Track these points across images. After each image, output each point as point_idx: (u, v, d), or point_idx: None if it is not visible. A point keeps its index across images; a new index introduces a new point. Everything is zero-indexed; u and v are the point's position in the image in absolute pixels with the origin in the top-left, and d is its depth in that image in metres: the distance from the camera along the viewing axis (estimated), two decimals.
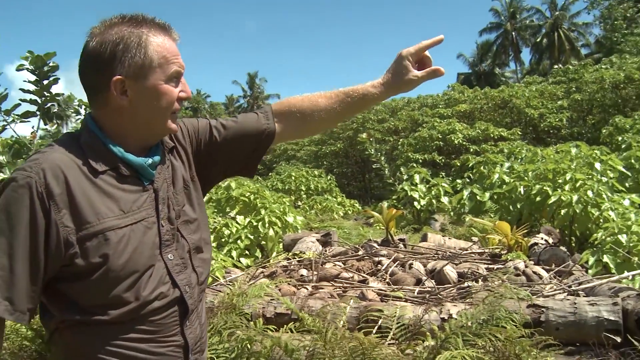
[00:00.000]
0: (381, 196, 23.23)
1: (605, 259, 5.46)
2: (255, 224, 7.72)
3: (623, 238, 5.49)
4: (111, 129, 1.40)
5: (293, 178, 18.97)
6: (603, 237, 5.64)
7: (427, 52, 1.66)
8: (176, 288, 1.43)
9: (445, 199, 11.95)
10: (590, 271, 5.32)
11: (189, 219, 1.50)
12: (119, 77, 1.34)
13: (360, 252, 5.79)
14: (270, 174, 26.23)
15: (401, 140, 22.65)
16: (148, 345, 1.39)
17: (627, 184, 8.11)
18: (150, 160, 1.43)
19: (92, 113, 1.42)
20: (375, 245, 6.11)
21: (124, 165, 1.39)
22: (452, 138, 20.15)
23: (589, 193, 6.81)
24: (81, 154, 1.35)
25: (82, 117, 9.09)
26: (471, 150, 19.68)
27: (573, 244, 7.46)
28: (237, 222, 7.83)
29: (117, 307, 1.33)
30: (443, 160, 20.15)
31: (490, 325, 3.00)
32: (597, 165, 7.89)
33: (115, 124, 1.40)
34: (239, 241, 7.32)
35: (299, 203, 16.84)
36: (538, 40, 45.85)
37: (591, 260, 5.52)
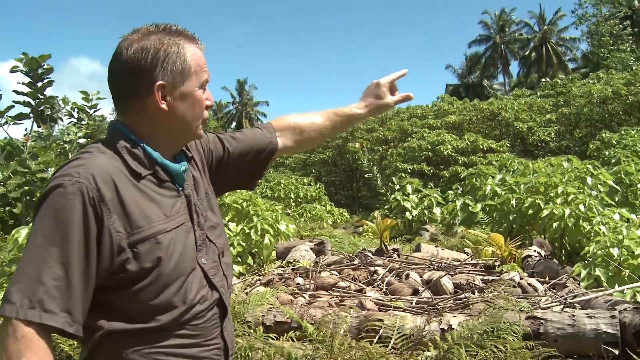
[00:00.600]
0: (369, 205, 23.30)
1: (597, 272, 5.51)
2: (247, 231, 7.70)
3: (615, 251, 5.55)
4: (146, 134, 1.42)
5: (282, 186, 18.93)
6: (595, 250, 5.70)
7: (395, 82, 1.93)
8: (214, 290, 1.46)
9: (437, 210, 12.02)
10: (582, 284, 5.37)
11: (213, 224, 1.55)
12: (162, 82, 1.38)
13: (355, 262, 5.81)
14: (259, 181, 26.14)
15: (390, 150, 22.77)
16: (194, 351, 1.40)
17: (616, 198, 8.22)
18: (184, 167, 1.49)
19: (121, 119, 1.44)
20: (369, 254, 6.13)
21: (162, 170, 1.42)
22: (441, 149, 20.30)
23: (581, 207, 6.89)
24: (122, 159, 1.36)
25: (74, 119, 9.04)
26: (460, 161, 19.83)
27: (563, 257, 7.53)
28: (229, 229, 7.82)
29: (166, 312, 1.34)
30: (431, 170, 20.27)
31: (492, 336, 3.04)
32: (589, 180, 7.99)
33: (151, 129, 1.42)
34: (231, 248, 7.30)
35: (288, 211, 16.82)
36: (526, 53, 46.42)
37: (583, 273, 5.56)
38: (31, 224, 1.39)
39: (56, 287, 1.21)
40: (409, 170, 19.74)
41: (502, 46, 48.72)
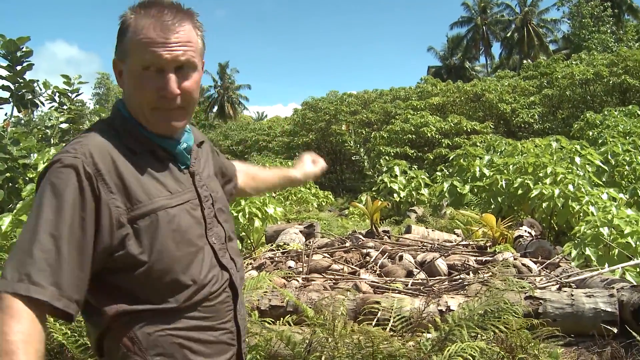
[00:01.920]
0: (354, 188, 23.30)
1: (587, 251, 5.54)
2: (235, 214, 7.62)
3: (605, 231, 5.59)
4: (132, 113, 1.38)
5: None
6: (585, 230, 5.73)
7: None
8: (224, 271, 1.42)
9: (425, 191, 12.03)
10: (573, 263, 5.40)
11: (222, 207, 1.51)
12: (115, 58, 1.37)
13: (347, 244, 5.77)
14: None
15: (374, 133, 22.74)
16: (207, 334, 1.36)
17: (603, 178, 8.28)
18: (184, 145, 1.43)
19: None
20: (360, 237, 6.09)
21: (160, 148, 1.38)
22: (425, 131, 20.31)
23: (570, 187, 6.91)
24: (119, 137, 1.33)
25: (56, 104, 8.85)
26: (444, 143, 19.87)
27: (551, 237, 7.58)
28: None
29: (176, 292, 1.30)
30: (415, 153, 20.28)
31: (493, 317, 3.01)
32: (577, 160, 8.03)
33: (130, 107, 1.38)
34: None
35: (274, 194, 16.72)
36: (508, 35, 46.49)
37: (574, 252, 5.60)
38: (14, 211, 1.35)
39: (45, 259, 1.16)
40: (393, 154, 19.73)
41: (483, 28, 48.71)
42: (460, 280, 4.29)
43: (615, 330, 3.29)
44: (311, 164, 2.12)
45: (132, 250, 1.26)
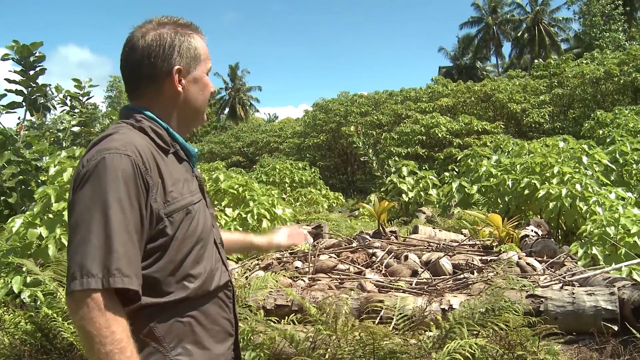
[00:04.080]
0: (364, 189, 23.33)
1: (594, 250, 5.55)
2: (244, 216, 7.69)
3: (611, 230, 5.59)
4: (164, 116, 1.51)
5: (277, 170, 18.90)
6: (592, 229, 5.73)
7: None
8: (225, 266, 1.58)
9: (433, 192, 12.05)
10: (579, 262, 5.41)
11: (213, 212, 1.64)
12: (179, 66, 1.49)
13: (354, 244, 5.82)
14: (254, 166, 26.16)
15: (384, 134, 22.75)
16: (214, 324, 1.49)
17: (611, 178, 8.25)
18: (197, 150, 1.61)
19: (138, 103, 1.52)
20: (367, 237, 6.14)
21: (182, 150, 1.53)
22: (436, 131, 20.31)
23: (577, 187, 6.91)
24: (149, 138, 1.45)
25: (67, 108, 8.97)
26: (455, 143, 19.85)
27: (559, 236, 7.58)
28: (226, 214, 7.81)
29: (192, 280, 1.42)
30: (426, 153, 20.29)
31: (493, 315, 3.05)
32: (585, 159, 8.01)
33: (167, 112, 1.52)
34: None
35: (284, 195, 16.82)
36: (519, 34, 46.21)
37: (580, 252, 5.60)
38: (27, 212, 1.43)
39: (126, 252, 1.26)
40: (403, 154, 19.75)
41: (494, 27, 48.48)
42: (464, 280, 4.33)
43: (616, 328, 3.32)
44: (284, 236, 2.18)
45: (165, 241, 1.37)
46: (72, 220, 1.29)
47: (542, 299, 3.50)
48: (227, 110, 60.90)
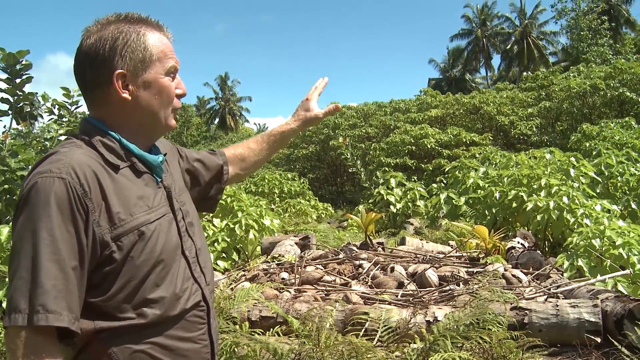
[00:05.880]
0: (353, 200, 23.34)
1: (580, 262, 5.57)
2: (232, 226, 7.67)
3: (596, 242, 5.62)
4: (117, 126, 1.39)
5: (266, 181, 18.86)
6: (577, 241, 5.76)
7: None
8: (196, 284, 1.45)
9: (421, 203, 12.07)
10: (565, 274, 5.43)
11: (191, 221, 1.53)
12: (121, 70, 1.35)
13: (340, 256, 5.81)
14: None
15: (373, 145, 22.81)
16: (182, 347, 1.38)
17: (597, 190, 8.31)
18: (160, 158, 1.47)
19: (93, 113, 1.42)
20: (354, 248, 6.13)
21: (139, 162, 1.40)
22: (425, 142, 20.39)
23: (564, 199, 6.95)
24: (98, 152, 1.33)
25: (55, 117, 8.94)
26: (443, 154, 19.95)
27: (546, 248, 7.61)
28: (213, 225, 7.78)
29: (152, 307, 1.31)
30: (415, 164, 20.37)
31: (477, 327, 3.05)
32: (572, 171, 8.07)
33: (120, 121, 1.39)
34: (215, 244, 7.27)
35: (273, 206, 16.78)
36: (508, 47, 46.67)
37: (566, 263, 5.63)
38: (11, 224, 1.34)
39: (54, 285, 1.17)
40: (392, 165, 19.81)
41: (484, 40, 48.93)
42: (449, 291, 4.33)
43: (599, 340, 3.32)
44: (312, 105, 2.01)
45: (114, 267, 1.27)
46: (11, 251, 1.22)
47: (526, 311, 3.50)
48: (217, 120, 60.88)
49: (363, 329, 3.42)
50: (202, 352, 1.43)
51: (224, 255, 7.33)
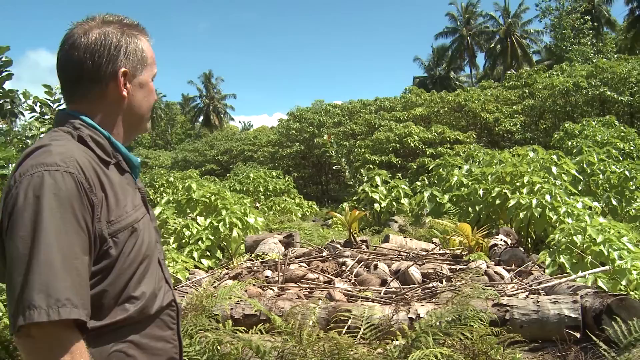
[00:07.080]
0: (338, 198, 23.37)
1: (561, 259, 5.63)
2: (216, 224, 7.65)
3: (578, 239, 5.68)
4: (104, 123, 1.38)
5: (251, 179, 18.83)
6: (559, 238, 5.82)
7: None
8: (167, 285, 1.46)
9: (405, 201, 12.12)
10: (547, 271, 5.48)
11: (156, 227, 1.53)
12: (125, 69, 1.37)
13: (324, 253, 5.82)
14: (227, 174, 26.01)
15: (358, 142, 22.86)
16: (156, 346, 1.38)
17: (579, 188, 8.41)
18: (139, 160, 1.48)
19: (75, 108, 1.38)
20: (338, 246, 6.15)
21: (124, 160, 1.40)
22: (409, 140, 20.48)
23: (547, 197, 7.02)
24: (89, 148, 1.32)
25: (36, 114, 8.85)
26: (427, 152, 20.04)
27: (529, 245, 7.68)
28: (197, 223, 7.75)
29: (134, 301, 1.31)
30: (399, 162, 20.43)
31: (459, 324, 3.07)
32: (554, 169, 8.15)
33: (109, 118, 1.39)
34: (199, 242, 7.24)
35: (257, 204, 16.76)
36: (492, 46, 46.91)
37: (548, 260, 5.68)
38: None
39: (72, 280, 1.14)
40: (377, 162, 19.87)
41: (468, 38, 49.15)
42: (432, 288, 4.35)
43: (578, 335, 3.36)
44: None
45: (109, 262, 1.26)
46: (16, 248, 1.14)
47: (507, 308, 3.54)
48: (201, 118, 60.61)
49: (346, 327, 3.42)
50: (172, 352, 1.43)
51: (207, 253, 7.31)
